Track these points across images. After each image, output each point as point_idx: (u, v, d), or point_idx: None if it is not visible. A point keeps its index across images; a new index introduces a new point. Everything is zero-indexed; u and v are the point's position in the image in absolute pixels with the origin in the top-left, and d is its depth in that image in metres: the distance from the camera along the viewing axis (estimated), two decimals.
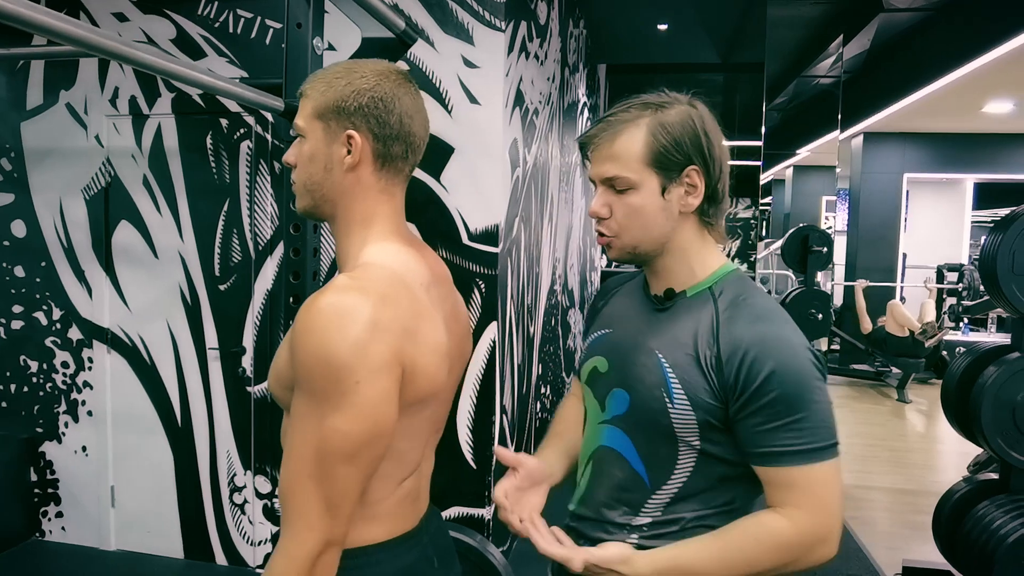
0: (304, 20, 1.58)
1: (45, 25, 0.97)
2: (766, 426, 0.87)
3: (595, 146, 0.96)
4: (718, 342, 0.90)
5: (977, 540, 2.30)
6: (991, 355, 2.40)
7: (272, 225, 2.60)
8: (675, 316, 0.97)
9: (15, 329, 2.86)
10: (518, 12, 2.59)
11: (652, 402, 0.93)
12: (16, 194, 2.81)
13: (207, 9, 2.54)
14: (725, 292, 0.95)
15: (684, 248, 0.97)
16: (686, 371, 0.91)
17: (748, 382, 0.87)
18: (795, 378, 0.87)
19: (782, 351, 0.88)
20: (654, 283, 1.01)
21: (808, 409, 0.87)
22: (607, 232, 0.97)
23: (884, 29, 5.12)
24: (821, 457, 0.86)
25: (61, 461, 2.87)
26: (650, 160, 0.92)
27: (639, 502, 0.96)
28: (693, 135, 0.93)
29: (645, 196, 0.93)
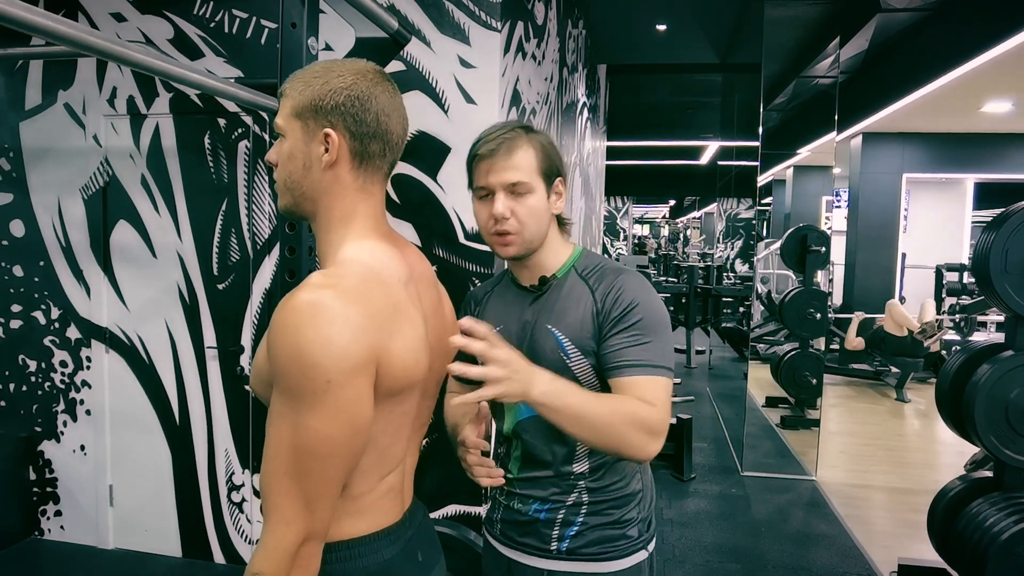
0: (299, 20, 1.59)
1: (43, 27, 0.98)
2: (625, 344, 1.11)
3: (495, 159, 1.14)
4: (594, 294, 1.16)
5: (971, 538, 2.31)
6: (985, 353, 2.41)
7: (270, 224, 2.61)
8: (552, 295, 1.20)
9: (14, 328, 2.87)
10: (515, 12, 2.60)
11: (555, 364, 1.13)
12: (15, 194, 2.83)
13: (203, 9, 2.56)
14: (586, 265, 1.21)
15: (551, 242, 1.21)
16: (573, 330, 1.15)
17: (618, 308, 1.12)
18: (654, 312, 1.13)
19: (646, 292, 1.15)
20: (526, 276, 1.23)
21: (660, 337, 1.12)
22: (511, 230, 1.15)
23: (882, 29, 5.12)
24: (664, 373, 1.11)
25: (60, 460, 2.88)
26: (540, 170, 1.16)
27: (572, 444, 1.16)
28: (557, 154, 1.20)
29: (539, 199, 1.16)
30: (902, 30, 5.20)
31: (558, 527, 1.18)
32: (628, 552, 1.19)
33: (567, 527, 1.18)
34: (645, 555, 1.21)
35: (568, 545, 1.17)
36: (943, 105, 5.91)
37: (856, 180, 7.80)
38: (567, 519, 1.18)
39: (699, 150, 11.22)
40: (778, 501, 3.74)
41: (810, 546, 3.16)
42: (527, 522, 1.20)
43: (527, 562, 1.20)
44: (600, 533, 1.17)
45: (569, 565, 1.17)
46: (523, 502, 1.21)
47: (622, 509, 1.19)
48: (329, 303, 0.82)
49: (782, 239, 5.22)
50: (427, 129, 2.41)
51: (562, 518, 1.18)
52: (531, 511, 1.19)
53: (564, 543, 1.17)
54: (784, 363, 4.83)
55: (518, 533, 1.22)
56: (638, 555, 1.20)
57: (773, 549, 3.12)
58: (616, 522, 1.18)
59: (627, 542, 1.19)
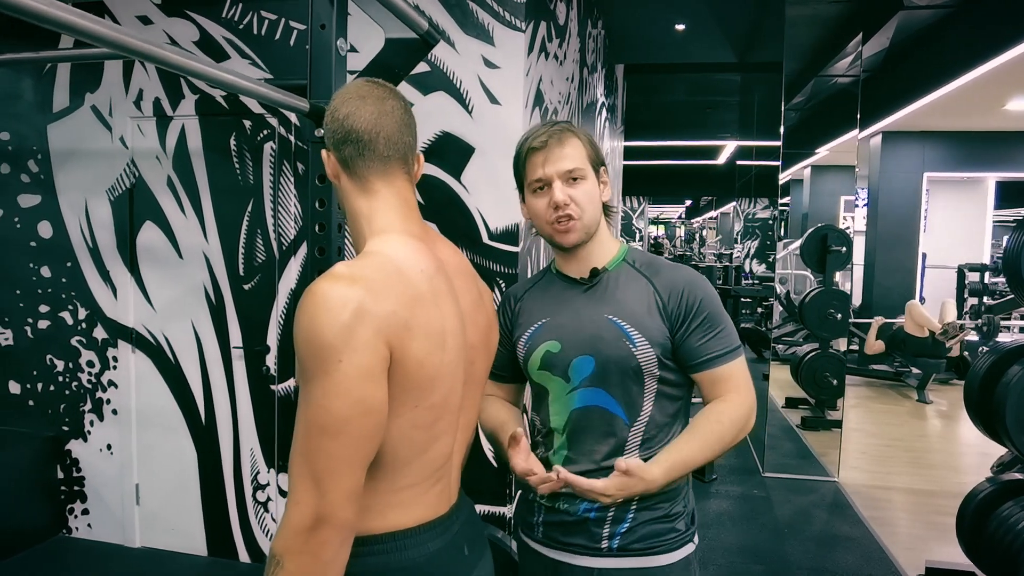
0: (328, 21, 1.59)
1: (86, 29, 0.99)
2: (705, 339, 1.17)
3: (549, 150, 1.18)
4: (657, 291, 1.20)
5: (1002, 540, 2.28)
6: (1015, 354, 2.38)
7: (295, 225, 2.63)
8: (606, 286, 1.23)
9: (41, 329, 2.91)
10: (538, 12, 2.60)
11: (619, 351, 1.16)
12: (42, 195, 2.87)
13: (232, 11, 2.58)
14: (637, 259, 1.26)
15: (602, 233, 1.26)
16: (637, 319, 1.18)
17: (690, 308, 1.18)
18: (714, 302, 1.20)
19: (703, 286, 1.21)
20: (575, 268, 1.25)
21: (725, 322, 1.20)
22: (573, 215, 1.18)
23: (904, 27, 5.07)
24: (738, 354, 1.20)
25: (86, 459, 2.91)
26: (589, 158, 1.21)
27: (623, 439, 1.18)
28: (599, 147, 1.25)
29: (592, 184, 1.21)
30: (924, 28, 5.15)
31: (608, 525, 1.18)
32: (677, 545, 1.20)
33: (618, 524, 1.18)
34: (692, 548, 1.22)
35: (619, 542, 1.17)
36: (964, 103, 5.84)
37: (876, 179, 7.72)
38: (618, 516, 1.18)
39: (716, 150, 11.15)
40: (800, 502, 3.71)
41: (834, 548, 3.13)
42: (575, 522, 1.19)
43: (576, 562, 1.19)
44: (650, 528, 1.18)
45: (620, 561, 1.17)
46: (570, 502, 1.19)
47: (670, 503, 1.20)
48: (342, 289, 0.87)
49: (802, 239, 5.18)
50: (451, 130, 2.41)
51: (613, 515, 1.18)
52: (580, 511, 1.19)
53: (615, 540, 1.18)
54: (804, 364, 4.80)
55: (563, 533, 1.21)
56: (686, 548, 1.21)
57: (797, 550, 3.09)
58: (665, 516, 1.19)
59: (676, 535, 1.20)
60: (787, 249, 7.67)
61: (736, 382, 1.18)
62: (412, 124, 1.07)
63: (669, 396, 1.20)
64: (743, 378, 1.19)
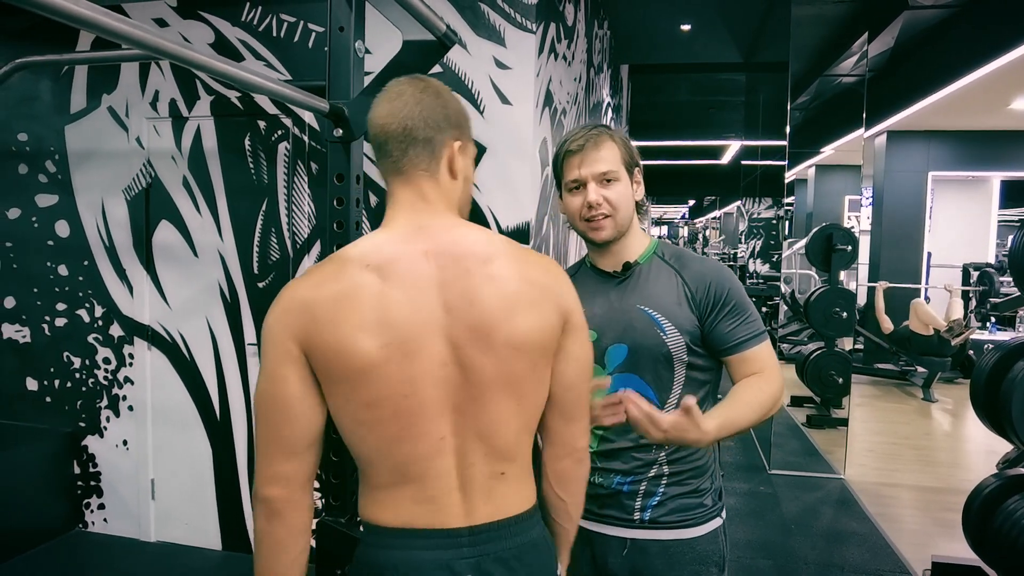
0: (347, 24, 1.63)
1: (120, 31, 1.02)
2: (733, 324, 1.26)
3: (585, 153, 1.28)
4: (685, 282, 1.28)
5: (1008, 535, 2.30)
6: (1021, 350, 2.41)
7: (309, 224, 2.67)
8: (637, 279, 1.32)
9: (59, 326, 2.95)
10: (548, 14, 2.63)
11: (651, 339, 1.26)
12: (60, 195, 2.91)
13: (251, 14, 2.62)
14: (666, 252, 1.35)
15: (635, 229, 1.35)
16: (667, 309, 1.26)
17: (717, 299, 1.26)
18: (740, 291, 1.28)
19: (729, 274, 1.30)
20: (608, 262, 1.34)
21: (751, 309, 1.28)
22: (607, 214, 1.28)
23: (909, 26, 5.09)
24: (764, 338, 1.28)
25: (103, 455, 2.96)
26: (623, 161, 1.30)
27: None
28: (634, 149, 1.33)
29: (624, 186, 1.30)
30: (929, 27, 5.17)
31: (640, 498, 1.27)
32: (705, 519, 1.28)
33: (649, 497, 1.27)
34: (720, 522, 1.31)
35: (650, 515, 1.27)
36: (970, 103, 5.85)
37: (881, 179, 7.73)
38: (649, 490, 1.27)
39: (720, 149, 11.16)
40: (807, 499, 3.74)
41: (841, 543, 3.16)
42: (608, 495, 1.29)
43: (609, 532, 1.29)
44: (680, 502, 1.27)
45: (651, 533, 1.26)
46: (603, 476, 1.29)
47: (699, 479, 1.29)
48: (283, 290, 0.97)
49: (807, 238, 5.20)
50: None
51: (644, 489, 1.27)
52: (613, 484, 1.28)
53: (646, 513, 1.27)
54: (810, 362, 4.82)
55: (598, 506, 1.29)
56: (714, 522, 1.30)
57: (804, 546, 3.12)
58: (694, 491, 1.28)
59: (704, 510, 1.29)
60: (792, 248, 7.69)
61: (764, 362, 1.26)
62: (437, 110, 1.00)
63: (698, 380, 1.29)
64: (771, 358, 1.28)
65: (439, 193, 1.02)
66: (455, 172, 1.03)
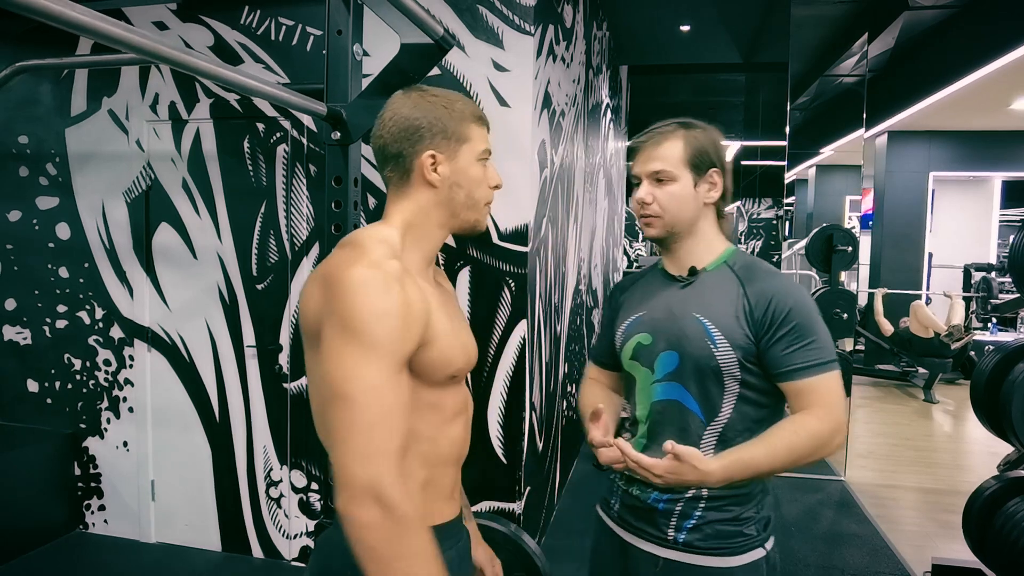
0: (344, 27, 1.63)
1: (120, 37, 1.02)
2: (790, 349, 1.15)
3: (643, 150, 1.26)
4: (746, 294, 1.20)
5: (1008, 537, 2.30)
6: (1021, 351, 2.40)
7: (308, 226, 2.67)
8: (701, 286, 1.25)
9: (59, 328, 2.96)
10: (546, 16, 2.63)
11: (701, 350, 1.18)
12: (61, 198, 2.92)
13: (250, 17, 2.63)
14: (737, 263, 1.26)
15: (704, 233, 1.27)
16: (723, 323, 1.18)
17: (776, 318, 1.16)
18: (806, 312, 1.17)
19: (796, 295, 1.18)
20: (675, 265, 1.29)
21: (817, 334, 1.16)
22: (653, 213, 1.25)
23: (909, 27, 5.09)
24: (829, 368, 1.16)
25: (103, 456, 2.96)
26: (687, 160, 1.24)
27: (698, 436, 1.20)
28: (715, 147, 1.26)
29: (682, 186, 1.24)
30: (929, 28, 5.17)
31: (675, 518, 1.20)
32: (744, 549, 1.19)
33: (685, 519, 1.20)
34: (762, 553, 1.21)
35: (685, 537, 1.19)
36: (970, 103, 5.85)
37: (882, 179, 7.73)
38: (685, 511, 1.20)
39: None
40: (807, 501, 3.74)
41: (841, 545, 3.15)
42: (645, 509, 1.23)
43: (643, 547, 1.24)
44: (717, 528, 1.19)
45: (685, 556, 1.19)
46: (642, 489, 1.24)
47: (741, 506, 1.19)
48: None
49: (807, 239, 5.19)
50: None
51: (680, 509, 1.20)
52: (650, 499, 1.23)
53: (681, 534, 1.20)
54: None
55: (635, 518, 1.26)
56: (755, 552, 1.20)
57: (804, 548, 3.12)
58: (734, 519, 1.19)
59: (744, 539, 1.19)
60: (792, 249, 7.69)
61: (821, 397, 1.15)
62: (409, 124, 1.04)
63: (753, 402, 1.19)
64: (830, 394, 1.15)
65: (400, 206, 1.08)
66: (432, 182, 1.05)
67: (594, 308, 4.85)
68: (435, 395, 1.04)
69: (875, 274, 7.78)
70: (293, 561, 2.79)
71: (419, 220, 1.07)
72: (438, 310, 1.03)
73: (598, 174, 4.71)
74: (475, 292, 2.52)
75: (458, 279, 2.52)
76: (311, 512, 2.75)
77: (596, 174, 4.61)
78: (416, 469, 1.02)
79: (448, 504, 1.10)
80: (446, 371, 1.03)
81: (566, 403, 3.60)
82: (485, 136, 1.10)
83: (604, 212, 5.22)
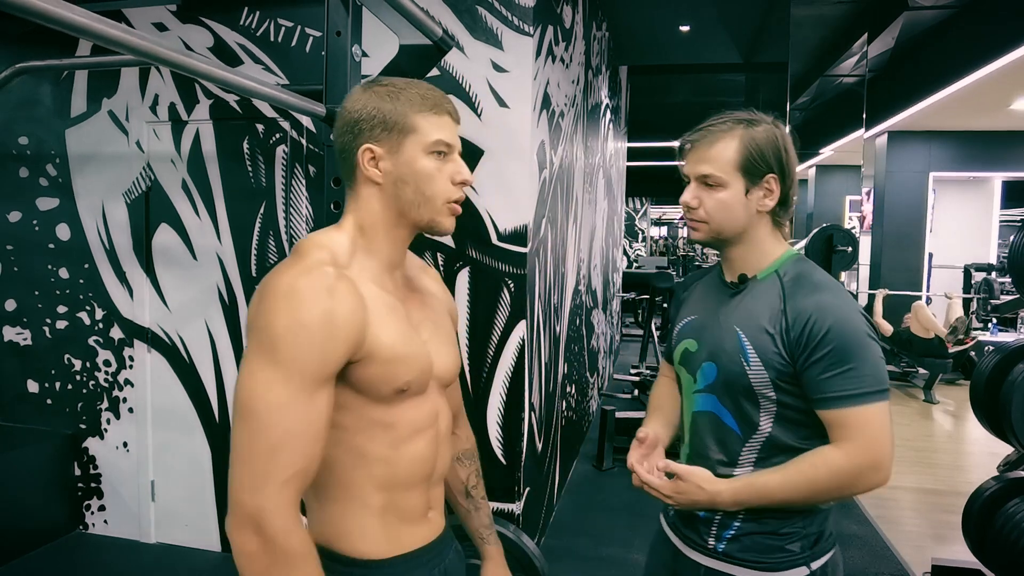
0: (344, 28, 1.64)
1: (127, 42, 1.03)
2: (825, 375, 1.06)
3: (694, 149, 1.17)
4: (785, 311, 1.10)
5: (1008, 537, 2.30)
6: (1020, 352, 2.41)
7: (307, 227, 2.67)
8: (748, 297, 1.17)
9: (59, 329, 2.96)
10: (545, 17, 2.64)
11: (734, 367, 1.13)
12: (61, 198, 2.92)
13: (249, 19, 2.63)
14: (789, 272, 1.15)
15: (758, 240, 1.18)
16: (758, 339, 1.11)
17: (812, 338, 1.07)
18: (848, 334, 1.06)
19: (837, 314, 1.07)
20: (728, 271, 1.23)
21: (859, 360, 1.05)
22: (697, 218, 1.18)
23: (909, 27, 5.09)
24: (870, 400, 1.05)
25: (103, 456, 2.97)
26: (739, 165, 1.13)
27: (735, 452, 1.16)
28: (776, 150, 1.14)
29: (731, 193, 1.14)
30: (929, 28, 5.17)
31: (716, 527, 1.17)
32: (784, 566, 1.13)
33: (724, 528, 1.17)
34: (805, 572, 1.13)
35: (725, 547, 1.16)
36: (970, 103, 5.86)
37: (882, 179, 7.73)
38: (724, 520, 1.16)
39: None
40: None
41: (841, 546, 3.12)
42: (688, 515, 1.21)
43: (688, 554, 1.22)
44: (756, 540, 1.14)
45: (725, 566, 1.16)
46: None
47: (783, 521, 1.13)
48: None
49: (807, 239, 5.19)
50: (460, 133, 2.45)
51: (720, 519, 1.17)
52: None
53: (721, 544, 1.17)
54: None
55: (683, 524, 1.24)
56: (797, 571, 1.13)
57: None
58: (774, 533, 1.13)
59: (785, 555, 1.13)
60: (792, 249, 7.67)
61: (853, 432, 1.05)
62: (349, 118, 0.98)
63: (794, 421, 1.12)
64: (866, 429, 1.05)
65: (349, 207, 1.02)
66: (372, 178, 0.98)
67: (593, 308, 4.85)
68: (384, 412, 0.96)
69: (875, 274, 7.78)
70: None
71: (369, 221, 0.99)
72: (387, 317, 0.95)
73: (597, 174, 4.72)
74: (474, 293, 2.52)
75: (457, 280, 2.52)
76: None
77: (595, 174, 4.61)
78: (370, 493, 0.97)
79: (419, 528, 1.03)
80: (392, 385, 0.94)
81: (565, 403, 3.60)
82: (443, 126, 0.99)
83: (603, 212, 5.22)
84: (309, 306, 0.85)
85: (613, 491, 3.69)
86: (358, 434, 0.95)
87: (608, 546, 3.04)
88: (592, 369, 4.87)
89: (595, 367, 5.08)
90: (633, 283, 7.80)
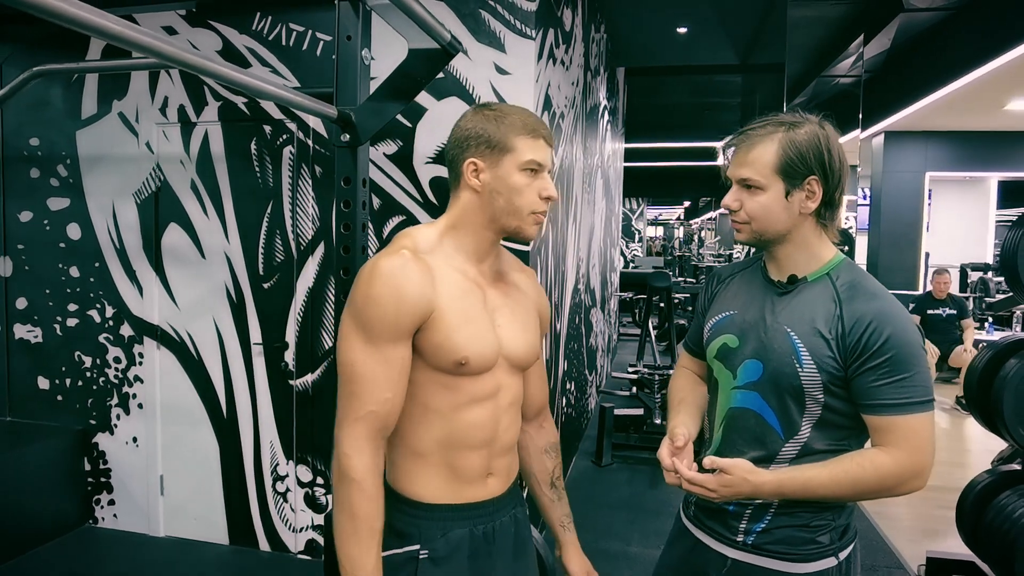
0: (354, 32, 1.69)
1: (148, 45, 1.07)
2: (879, 382, 1.08)
3: (737, 151, 1.19)
4: (842, 316, 1.11)
5: (999, 529, 2.35)
6: (1012, 348, 2.46)
7: (313, 226, 2.73)
8: (798, 298, 1.17)
9: (70, 326, 3.01)
10: (547, 20, 2.69)
11: (785, 367, 1.13)
12: (72, 199, 2.97)
13: (261, 23, 2.68)
14: (841, 276, 1.16)
15: (805, 241, 1.18)
16: (812, 341, 1.12)
17: (869, 345, 1.08)
18: (906, 345, 1.08)
19: (895, 323, 1.09)
20: (775, 270, 1.22)
21: (913, 370, 1.08)
22: (739, 220, 1.19)
23: (905, 28, 5.14)
24: (920, 409, 1.08)
25: (113, 452, 3.02)
26: (778, 168, 1.14)
27: (774, 451, 1.16)
28: (817, 151, 1.13)
29: (771, 196, 1.15)
30: (925, 29, 5.23)
31: (746, 520, 1.19)
32: (815, 557, 1.15)
33: (755, 522, 1.18)
34: (834, 562, 1.16)
35: (754, 540, 1.18)
36: (966, 104, 5.91)
37: (878, 179, 7.79)
38: (756, 514, 1.18)
39: (716, 151, 11.18)
40: None
41: None
42: (716, 510, 1.21)
43: (712, 546, 1.23)
44: (787, 533, 1.16)
45: (753, 558, 1.17)
46: None
47: (813, 514, 1.15)
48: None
49: None
50: None
51: (751, 513, 1.18)
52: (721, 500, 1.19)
53: (751, 537, 1.18)
54: None
55: (707, 517, 1.24)
56: (825, 561, 1.16)
57: None
58: (806, 526, 1.16)
59: (815, 547, 1.15)
60: None
61: (903, 439, 1.08)
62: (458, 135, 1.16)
63: (836, 425, 1.14)
64: (916, 437, 1.07)
65: (449, 207, 1.20)
66: (474, 187, 1.15)
67: (592, 307, 4.90)
68: (447, 377, 1.12)
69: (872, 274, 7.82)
70: (299, 554, 2.85)
71: (462, 221, 1.17)
72: (458, 298, 1.12)
73: (596, 175, 4.77)
74: None
75: None
76: (316, 506, 2.81)
77: (594, 175, 4.67)
78: (429, 446, 1.14)
79: (473, 487, 1.17)
80: (451, 357, 1.10)
81: (565, 400, 3.65)
82: (537, 148, 1.13)
83: (602, 212, 5.28)
84: (382, 282, 1.06)
85: (612, 486, 3.75)
86: (424, 389, 1.13)
87: (607, 540, 3.09)
88: (591, 367, 4.92)
89: (594, 365, 5.13)
90: (630, 283, 7.85)
